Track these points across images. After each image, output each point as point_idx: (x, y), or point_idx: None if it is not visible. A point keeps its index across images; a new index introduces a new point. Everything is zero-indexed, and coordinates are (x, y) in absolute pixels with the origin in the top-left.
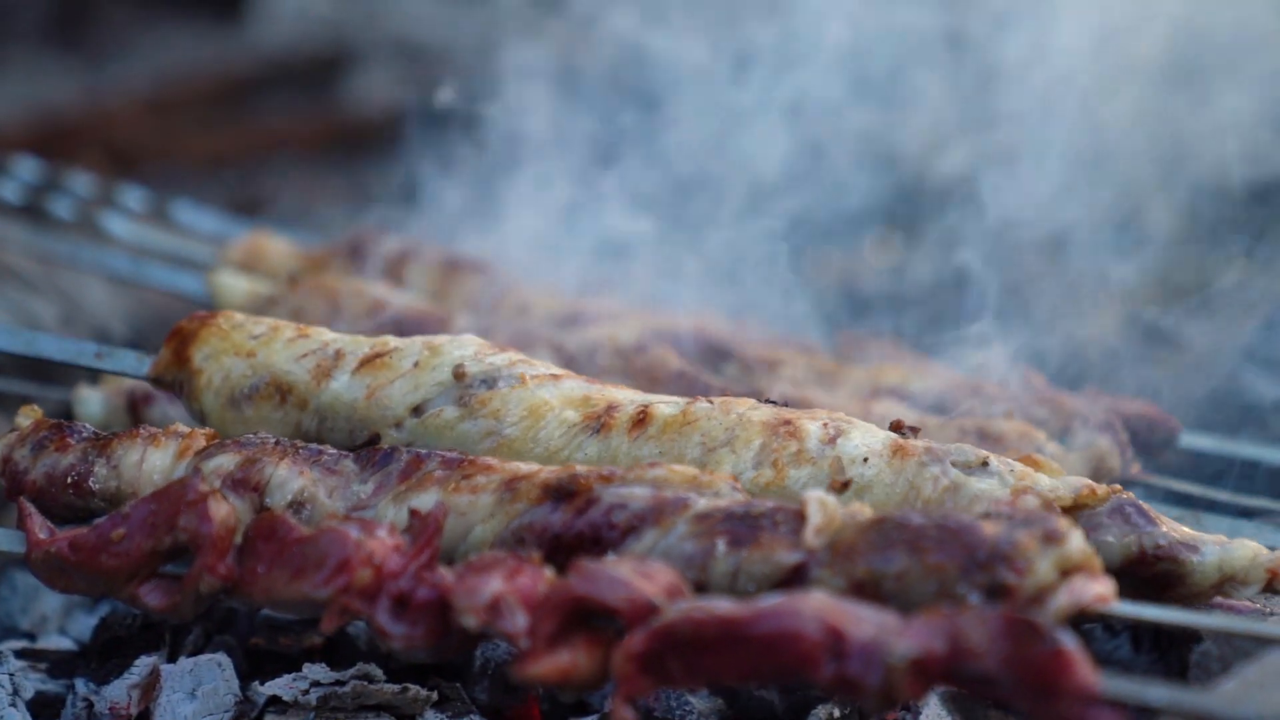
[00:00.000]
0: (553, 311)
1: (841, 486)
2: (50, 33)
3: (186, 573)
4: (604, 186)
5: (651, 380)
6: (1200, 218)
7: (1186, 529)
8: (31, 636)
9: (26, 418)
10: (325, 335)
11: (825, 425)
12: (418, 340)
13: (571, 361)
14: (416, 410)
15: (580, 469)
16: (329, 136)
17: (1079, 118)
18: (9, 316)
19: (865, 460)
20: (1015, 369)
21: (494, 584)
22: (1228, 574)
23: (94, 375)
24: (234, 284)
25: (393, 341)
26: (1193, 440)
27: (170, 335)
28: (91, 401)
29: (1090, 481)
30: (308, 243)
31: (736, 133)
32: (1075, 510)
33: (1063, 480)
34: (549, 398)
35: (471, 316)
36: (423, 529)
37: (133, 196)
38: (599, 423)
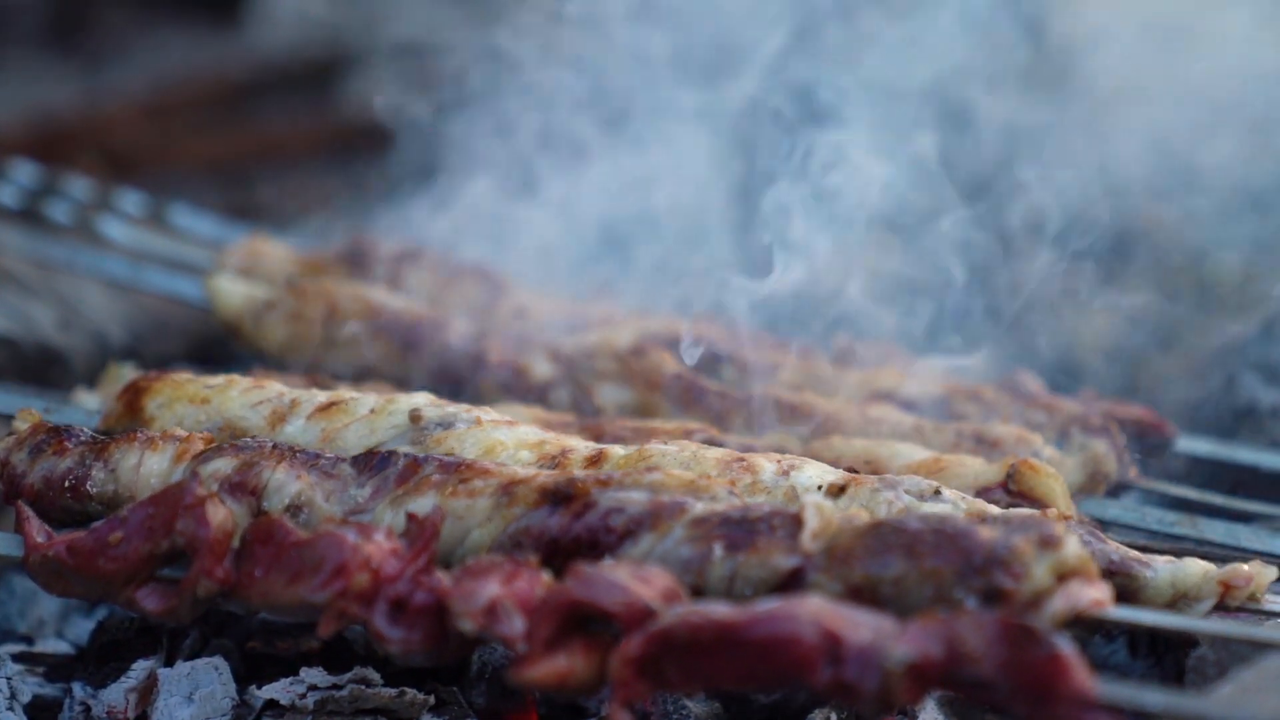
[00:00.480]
0: (551, 316)
1: (838, 491)
2: (48, 37)
3: (184, 576)
4: (600, 187)
5: (649, 384)
6: (1198, 220)
7: (1135, 551)
8: (29, 640)
9: (24, 421)
10: (279, 386)
11: (779, 462)
12: (371, 394)
13: (569, 365)
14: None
15: (578, 473)
16: (327, 140)
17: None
18: (7, 321)
19: (820, 489)
20: (1012, 372)
21: (491, 588)
22: (1181, 589)
23: (91, 379)
24: (231, 288)
25: (347, 392)
26: (1190, 444)
27: (123, 390)
28: (89, 406)
29: (1037, 510)
30: (307, 247)
31: (730, 137)
32: None
33: (1012, 510)
34: (504, 439)
35: (469, 320)
36: (420, 533)
37: (130, 201)
38: (554, 462)
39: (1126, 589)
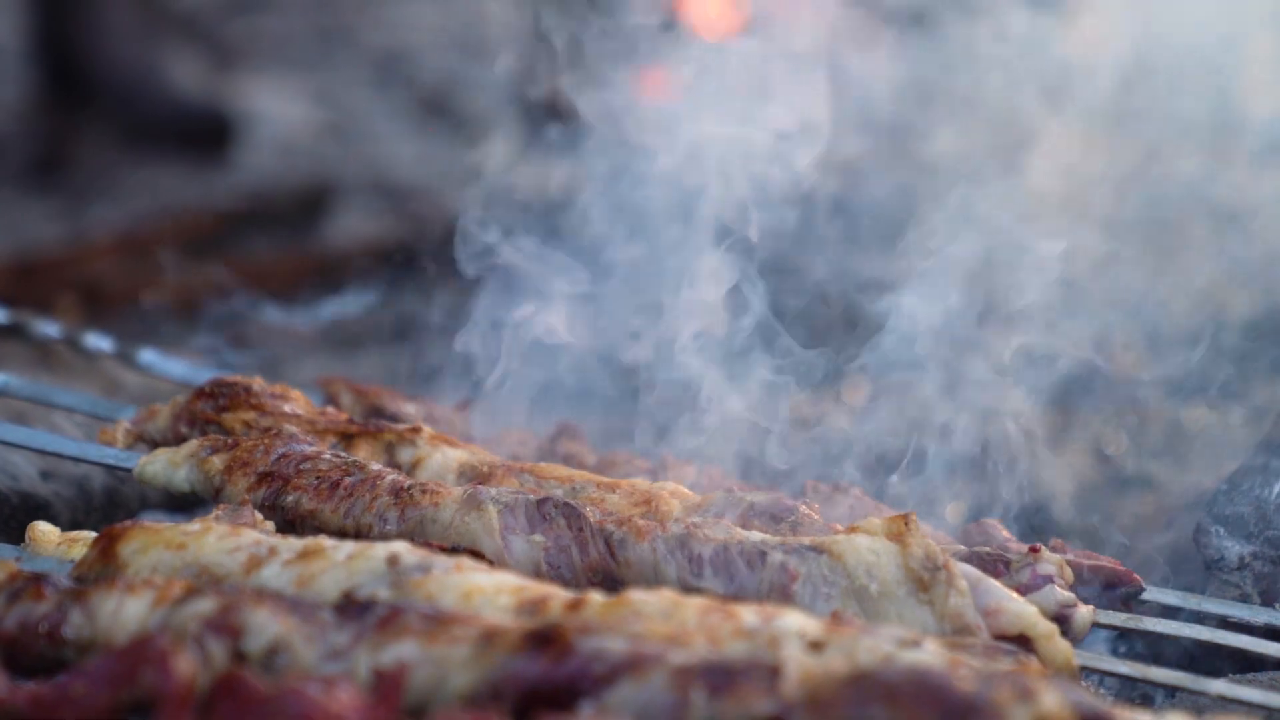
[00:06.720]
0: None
1: (819, 642)
2: (32, 175)
3: None
4: (587, 336)
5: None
6: (1171, 364)
7: (1113, 704)
8: None
9: (1, 572)
10: (257, 534)
11: (760, 609)
12: (349, 542)
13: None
14: (348, 596)
15: (560, 618)
16: (310, 274)
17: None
18: None
19: (801, 634)
20: (980, 520)
21: None
22: None
23: (75, 527)
24: (155, 467)
25: (326, 541)
26: (1159, 595)
27: (98, 538)
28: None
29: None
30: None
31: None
32: None
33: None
34: (483, 584)
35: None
36: (384, 687)
37: (103, 341)
38: (533, 608)
39: None
